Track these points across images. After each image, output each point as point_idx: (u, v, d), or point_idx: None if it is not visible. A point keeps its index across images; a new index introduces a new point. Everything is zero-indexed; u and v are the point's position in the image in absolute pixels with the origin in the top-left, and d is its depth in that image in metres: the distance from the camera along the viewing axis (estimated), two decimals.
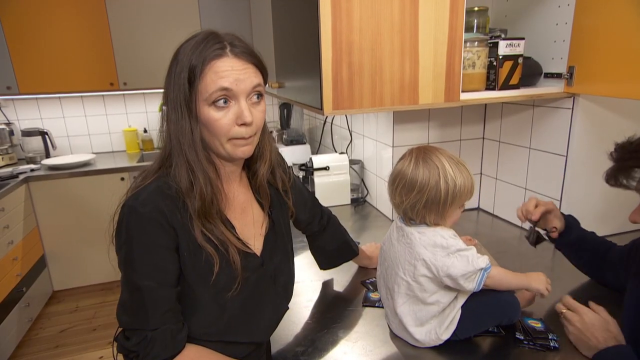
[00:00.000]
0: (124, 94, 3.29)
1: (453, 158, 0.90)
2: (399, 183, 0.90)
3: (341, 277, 1.28)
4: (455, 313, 0.92)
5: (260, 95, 0.79)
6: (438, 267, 0.87)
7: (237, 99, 0.75)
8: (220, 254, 0.79)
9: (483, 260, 0.88)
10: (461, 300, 0.92)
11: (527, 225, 1.13)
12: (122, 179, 2.84)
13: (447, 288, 0.91)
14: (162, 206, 0.74)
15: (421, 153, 0.91)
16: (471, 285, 0.88)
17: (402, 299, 0.93)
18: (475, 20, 1.27)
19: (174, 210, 0.75)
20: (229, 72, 0.73)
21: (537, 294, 0.94)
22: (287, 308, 0.97)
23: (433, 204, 0.88)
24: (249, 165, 0.90)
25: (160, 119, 0.81)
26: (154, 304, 0.73)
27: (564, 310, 0.94)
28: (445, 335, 0.92)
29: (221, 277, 0.79)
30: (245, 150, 0.80)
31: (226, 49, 0.74)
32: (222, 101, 0.74)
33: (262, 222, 0.92)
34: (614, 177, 0.83)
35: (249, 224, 0.89)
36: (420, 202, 0.88)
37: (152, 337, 0.72)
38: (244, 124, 0.76)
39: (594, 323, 0.87)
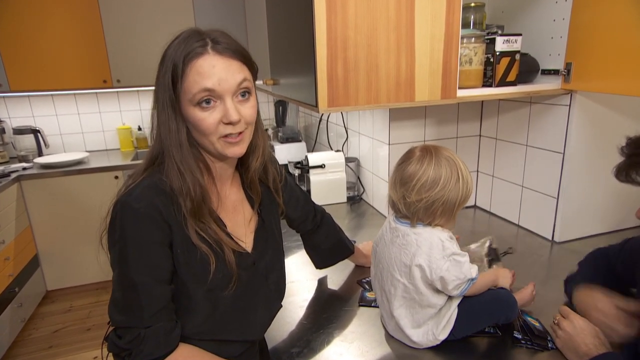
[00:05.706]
0: (117, 92, 3.26)
1: (459, 158, 0.90)
2: (417, 181, 0.87)
3: (337, 276, 1.27)
4: (451, 313, 0.91)
5: (247, 93, 0.77)
6: (432, 268, 0.86)
7: (222, 99, 0.74)
8: (215, 253, 0.78)
9: (474, 271, 0.89)
10: (457, 300, 0.91)
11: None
12: (116, 177, 2.81)
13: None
14: (157, 202, 0.73)
15: (433, 152, 0.89)
16: (456, 292, 0.88)
17: (399, 301, 0.92)
18: (472, 17, 1.26)
19: (168, 206, 0.74)
20: (210, 71, 0.71)
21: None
22: (281, 306, 0.96)
23: (450, 203, 0.87)
24: (241, 160, 0.89)
25: (150, 119, 0.80)
26: (148, 301, 0.72)
27: (557, 317, 0.92)
28: (443, 336, 0.91)
29: (216, 276, 0.78)
30: (235, 151, 0.78)
31: (207, 46, 0.72)
32: (205, 102, 0.73)
33: (250, 219, 0.91)
34: (625, 172, 0.80)
35: (240, 222, 0.89)
36: (439, 200, 0.86)
37: (146, 335, 0.71)
38: (230, 123, 0.74)
39: (584, 328, 0.85)
